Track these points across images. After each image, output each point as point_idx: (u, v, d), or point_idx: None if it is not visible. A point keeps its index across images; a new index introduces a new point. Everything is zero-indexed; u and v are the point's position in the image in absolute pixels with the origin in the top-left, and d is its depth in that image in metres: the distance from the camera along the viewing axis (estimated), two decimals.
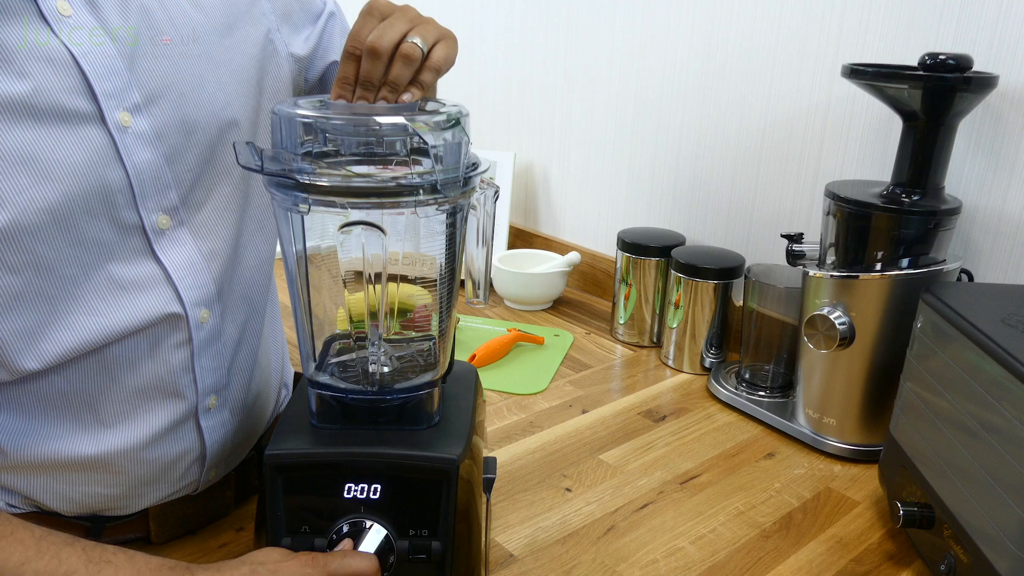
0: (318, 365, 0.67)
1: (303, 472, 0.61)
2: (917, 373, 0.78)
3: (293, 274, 0.63)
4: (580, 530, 0.81)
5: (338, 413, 0.64)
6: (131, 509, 0.71)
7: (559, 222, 1.53)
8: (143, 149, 0.60)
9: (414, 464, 0.61)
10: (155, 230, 0.63)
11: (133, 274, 0.62)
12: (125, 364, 0.64)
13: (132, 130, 0.60)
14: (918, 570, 0.77)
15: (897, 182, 0.90)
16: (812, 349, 0.94)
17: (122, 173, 0.59)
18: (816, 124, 1.10)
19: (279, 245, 0.67)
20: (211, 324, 0.67)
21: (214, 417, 0.71)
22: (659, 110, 1.30)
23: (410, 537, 0.62)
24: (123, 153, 0.59)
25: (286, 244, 0.63)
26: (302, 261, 0.63)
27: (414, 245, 0.66)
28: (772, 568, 0.76)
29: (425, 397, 0.65)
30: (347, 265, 0.63)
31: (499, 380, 1.12)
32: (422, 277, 0.67)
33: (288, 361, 0.90)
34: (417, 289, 0.69)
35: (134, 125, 0.60)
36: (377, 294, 0.63)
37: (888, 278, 0.88)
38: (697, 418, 1.05)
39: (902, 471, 0.79)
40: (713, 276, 1.12)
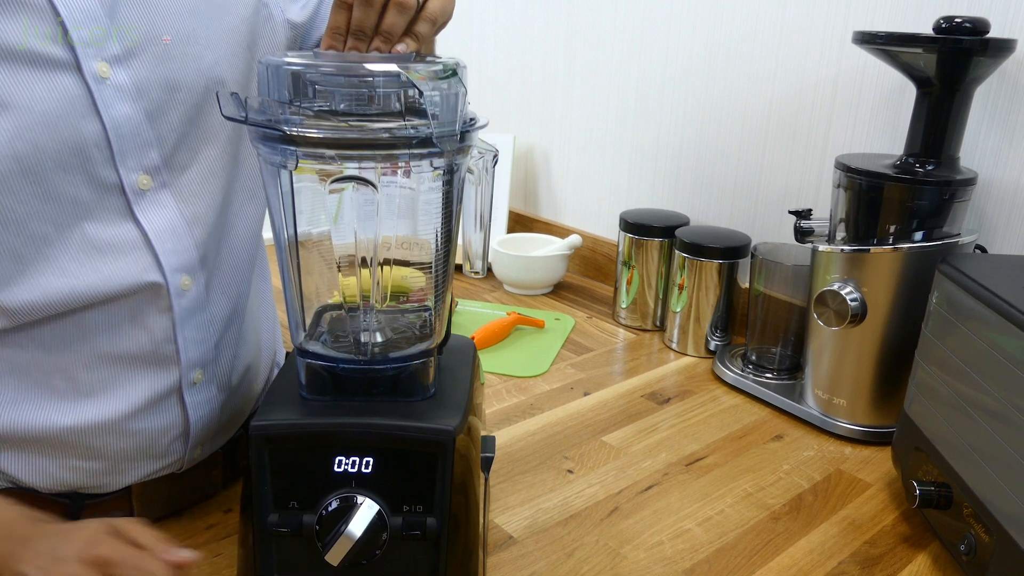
0: (308, 334, 0.63)
1: (291, 444, 0.58)
2: (933, 349, 0.75)
3: (281, 240, 0.60)
4: (582, 512, 0.78)
5: (329, 384, 0.61)
6: (113, 486, 0.68)
7: (560, 206, 1.50)
8: (122, 103, 0.57)
9: (408, 435, 0.58)
10: (135, 190, 0.60)
11: (110, 236, 0.59)
12: (103, 331, 0.61)
13: (111, 82, 0.57)
14: (935, 552, 0.74)
15: (910, 152, 0.87)
16: (822, 327, 0.91)
17: (98, 127, 0.56)
18: (824, 98, 1.07)
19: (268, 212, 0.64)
20: (194, 293, 0.64)
21: (200, 392, 0.67)
22: (662, 89, 1.26)
23: (404, 513, 0.58)
24: (100, 105, 0.56)
25: (274, 207, 0.60)
26: (290, 225, 0.59)
27: (410, 209, 0.63)
28: (783, 550, 0.73)
29: (420, 367, 0.62)
30: (339, 234, 0.60)
31: (498, 363, 1.09)
32: (418, 262, 0.65)
33: (280, 341, 0.87)
34: (411, 271, 0.66)
35: (113, 77, 0.57)
36: (371, 257, 0.60)
37: (901, 251, 0.84)
38: (702, 400, 1.01)
39: (917, 450, 0.76)
40: (718, 256, 1.09)
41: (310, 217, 0.61)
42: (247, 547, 0.59)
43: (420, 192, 0.61)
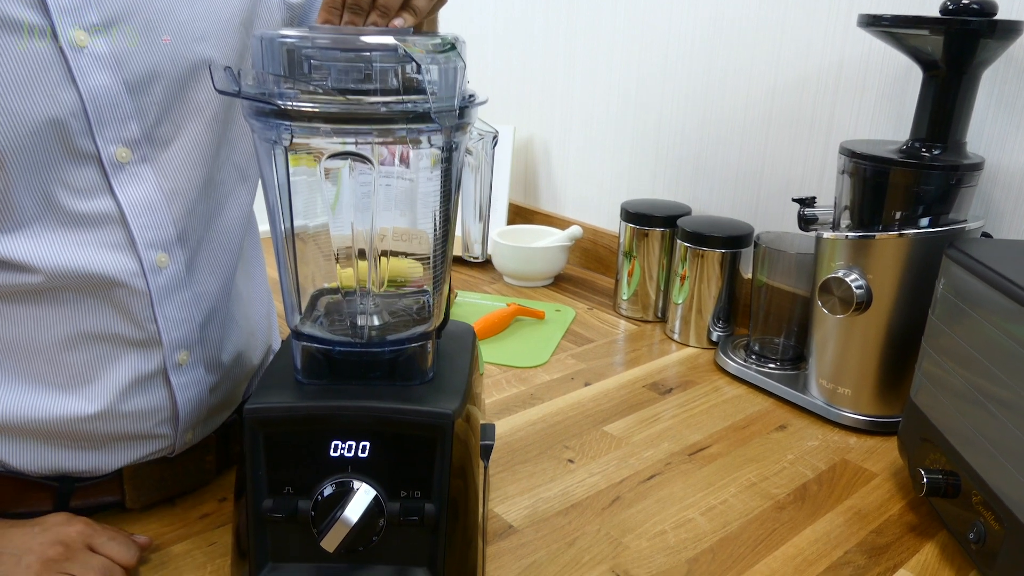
0: (304, 317, 0.62)
1: (286, 428, 0.56)
2: (941, 336, 0.73)
3: (277, 221, 0.59)
4: (583, 501, 0.76)
5: (325, 368, 0.60)
6: (103, 470, 0.67)
7: (560, 198, 1.49)
8: (100, 73, 0.56)
9: (406, 419, 0.56)
10: (113, 163, 0.58)
11: (86, 208, 0.58)
12: (81, 309, 0.60)
13: (88, 51, 0.55)
14: (942, 541, 0.73)
15: (916, 137, 0.86)
16: (826, 315, 0.90)
17: (75, 96, 0.55)
18: (828, 85, 1.05)
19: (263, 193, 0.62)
20: (172, 271, 0.63)
21: (186, 374, 0.66)
22: (664, 79, 1.25)
23: (401, 499, 0.57)
24: (76, 75, 0.55)
25: (268, 187, 0.58)
26: (286, 206, 0.58)
27: (408, 201, 0.62)
28: (787, 539, 0.72)
29: (418, 351, 0.60)
30: (337, 224, 0.59)
31: (498, 353, 1.07)
32: (416, 253, 0.63)
33: (276, 327, 0.86)
34: (408, 263, 0.65)
35: (91, 46, 0.55)
36: (369, 245, 0.59)
37: (907, 237, 0.83)
38: (705, 391, 1.00)
39: (925, 438, 0.75)
40: (720, 245, 1.08)
41: (306, 210, 0.60)
42: (241, 533, 0.58)
43: (419, 171, 0.60)
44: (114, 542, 0.63)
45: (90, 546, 0.61)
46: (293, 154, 0.57)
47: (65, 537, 0.60)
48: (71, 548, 0.60)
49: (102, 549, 0.62)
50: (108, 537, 0.63)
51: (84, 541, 0.61)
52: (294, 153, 0.56)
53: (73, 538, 0.61)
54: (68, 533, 0.61)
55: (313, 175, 0.60)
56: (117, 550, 0.62)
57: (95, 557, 0.61)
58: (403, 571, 0.58)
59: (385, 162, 0.62)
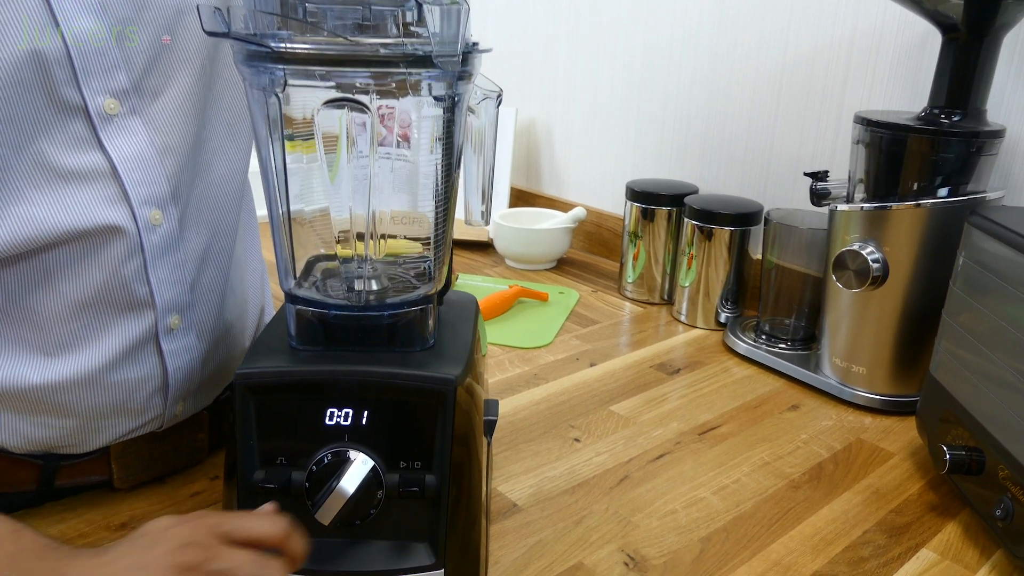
0: (299, 281, 0.59)
1: (279, 394, 0.53)
2: (963, 306, 0.70)
3: (270, 177, 0.56)
4: (590, 480, 0.73)
5: (320, 333, 0.56)
6: (89, 446, 0.63)
7: (563, 181, 1.46)
8: (84, 17, 0.53)
9: (406, 385, 0.53)
10: (101, 114, 0.55)
11: (74, 162, 0.55)
12: (70, 272, 0.57)
13: None
14: (965, 521, 0.70)
15: (935, 104, 0.83)
16: (840, 291, 0.87)
17: (59, 42, 0.52)
18: (840, 59, 1.02)
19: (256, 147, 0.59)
20: (166, 229, 0.60)
21: (177, 340, 0.63)
22: (669, 57, 1.22)
23: (400, 470, 0.54)
24: (60, 18, 0.52)
25: (261, 141, 0.55)
26: (279, 160, 0.55)
27: (409, 184, 0.59)
28: (804, 518, 0.69)
29: (418, 315, 0.57)
30: (335, 201, 0.56)
31: (500, 334, 1.04)
32: (414, 237, 0.61)
33: (270, 297, 0.83)
34: (406, 242, 0.62)
35: None
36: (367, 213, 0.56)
37: (925, 208, 0.80)
38: (714, 371, 0.97)
39: (946, 414, 0.72)
40: (730, 222, 1.05)
41: (303, 194, 0.57)
42: (231, 507, 0.55)
43: (420, 129, 0.57)
44: (251, 519, 0.49)
45: (226, 535, 0.47)
46: (289, 140, 0.55)
47: (191, 536, 0.46)
48: (205, 545, 0.45)
49: (242, 533, 0.47)
50: (239, 517, 0.49)
51: (214, 532, 0.47)
52: (287, 105, 0.53)
53: (201, 534, 0.46)
54: (192, 531, 0.46)
55: (307, 159, 0.57)
56: (259, 525, 0.48)
57: (239, 551, 0.46)
58: (403, 547, 0.55)
59: (385, 142, 0.59)
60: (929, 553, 0.65)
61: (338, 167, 0.57)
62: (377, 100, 0.52)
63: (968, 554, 0.65)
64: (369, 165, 0.56)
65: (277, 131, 0.54)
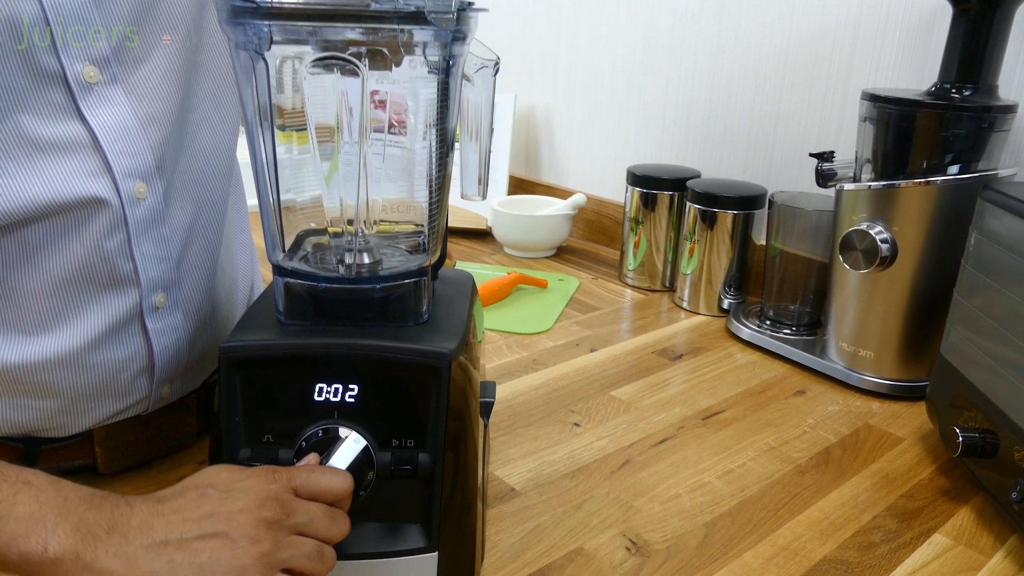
0: (287, 253, 0.57)
1: (265, 368, 0.51)
2: (975, 285, 0.68)
3: (256, 144, 0.53)
4: (591, 464, 0.71)
5: (309, 307, 0.54)
6: (71, 429, 0.61)
7: (562, 169, 1.43)
8: None
9: (398, 359, 0.51)
10: (80, 83, 0.53)
11: (53, 133, 0.52)
12: (51, 249, 0.54)
13: None
14: (978, 505, 0.67)
15: (945, 79, 0.80)
16: (847, 272, 0.85)
17: (36, 7, 0.50)
18: (846, 39, 1.00)
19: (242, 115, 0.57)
20: (150, 203, 0.58)
21: (163, 319, 0.61)
22: (671, 41, 1.20)
23: (393, 448, 0.52)
24: None
25: (248, 107, 0.53)
26: (267, 128, 0.53)
27: (405, 172, 0.57)
28: (812, 503, 0.67)
29: (412, 288, 0.55)
30: (320, 125, 0.53)
31: (499, 320, 1.02)
32: (408, 221, 0.59)
33: (260, 278, 0.80)
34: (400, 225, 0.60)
35: None
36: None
37: (935, 186, 0.78)
38: (717, 357, 0.95)
39: (958, 396, 0.69)
40: (733, 206, 1.03)
41: (295, 184, 0.55)
42: None
43: (416, 92, 0.54)
44: (320, 474, 0.47)
45: (298, 489, 0.46)
46: (281, 131, 0.53)
47: (268, 491, 0.44)
48: (283, 500, 0.44)
49: (312, 487, 0.47)
50: (307, 471, 0.47)
51: (288, 486, 0.46)
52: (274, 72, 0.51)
53: (277, 488, 0.45)
54: (266, 484, 0.45)
55: (300, 150, 0.55)
56: (331, 481, 0.47)
57: (312, 505, 0.46)
58: (395, 529, 0.52)
59: (380, 129, 0.57)
60: (942, 538, 0.63)
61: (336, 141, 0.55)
62: (369, 72, 0.50)
63: (982, 539, 0.63)
64: (359, 139, 0.54)
65: (265, 98, 0.51)
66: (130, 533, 0.41)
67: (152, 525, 0.41)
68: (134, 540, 0.40)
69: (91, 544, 0.39)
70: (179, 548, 0.41)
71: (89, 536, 0.40)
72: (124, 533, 0.40)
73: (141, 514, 0.42)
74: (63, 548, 0.39)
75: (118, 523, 0.41)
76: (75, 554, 0.39)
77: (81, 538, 0.39)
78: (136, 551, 0.40)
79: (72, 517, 0.40)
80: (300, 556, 0.43)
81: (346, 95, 0.52)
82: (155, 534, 0.41)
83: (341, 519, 0.47)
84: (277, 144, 0.53)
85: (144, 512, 0.42)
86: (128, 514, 0.41)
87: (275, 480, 0.46)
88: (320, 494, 0.47)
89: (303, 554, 0.44)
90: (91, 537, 0.40)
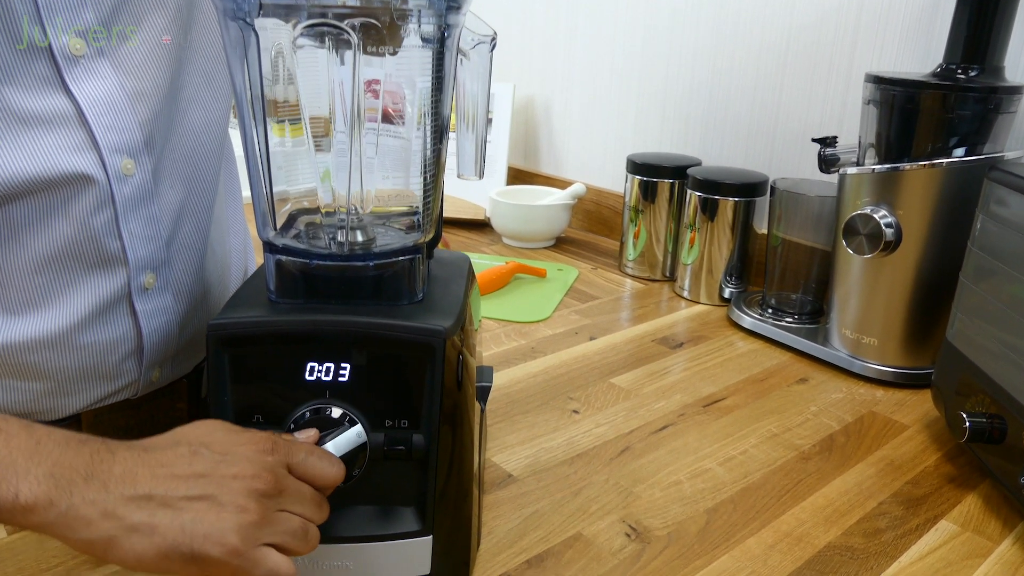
0: (279, 230, 0.55)
1: (255, 347, 0.50)
2: (982, 267, 0.67)
3: (245, 118, 0.52)
4: (590, 451, 0.70)
5: (301, 285, 0.53)
6: (59, 413, 0.60)
7: (561, 159, 1.42)
8: None
9: (392, 336, 0.49)
10: (66, 55, 0.52)
11: (37, 106, 0.51)
12: (37, 226, 0.53)
13: None
14: (985, 492, 0.66)
15: (950, 60, 0.79)
16: (851, 257, 0.83)
17: None
18: (848, 23, 0.99)
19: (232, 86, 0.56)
20: (139, 180, 0.56)
21: (152, 300, 0.59)
22: (671, 29, 1.18)
23: (386, 429, 0.50)
24: None
25: (237, 81, 0.51)
26: (258, 99, 0.51)
27: (401, 163, 0.55)
28: (816, 489, 0.65)
29: (406, 266, 0.53)
30: (312, 103, 0.52)
31: (496, 309, 1.01)
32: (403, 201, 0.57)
33: (254, 263, 0.79)
34: (394, 191, 0.59)
35: None
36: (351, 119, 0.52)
37: (940, 168, 0.77)
38: (718, 345, 0.93)
39: (964, 381, 0.68)
40: (734, 193, 1.01)
41: (286, 164, 0.54)
42: None
43: (411, 60, 0.53)
44: (317, 459, 0.46)
45: (292, 467, 0.45)
46: (276, 123, 0.52)
47: (264, 461, 0.43)
48: (277, 475, 0.43)
49: (304, 469, 0.45)
50: (304, 452, 0.46)
51: (284, 462, 0.44)
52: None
53: (274, 461, 0.43)
54: (263, 454, 0.43)
55: (294, 143, 0.54)
56: (325, 468, 0.46)
57: (302, 486, 0.45)
58: (388, 512, 0.51)
59: (373, 119, 0.56)
60: (948, 524, 0.62)
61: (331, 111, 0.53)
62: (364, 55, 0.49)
63: (990, 525, 0.62)
64: (353, 118, 0.52)
65: (256, 71, 0.50)
66: (110, 482, 0.39)
67: (136, 475, 0.40)
68: (114, 489, 0.39)
69: (66, 490, 0.38)
70: (163, 505, 0.39)
71: (64, 482, 0.38)
72: (104, 481, 0.39)
73: (124, 462, 0.40)
74: (35, 494, 0.37)
75: (97, 470, 0.39)
76: (48, 500, 0.37)
77: (55, 484, 0.38)
78: (115, 501, 0.38)
79: (46, 462, 0.38)
80: (285, 532, 0.42)
81: (338, 67, 0.50)
82: (138, 485, 0.39)
83: (325, 506, 0.46)
84: (268, 124, 0.52)
85: (128, 461, 0.40)
86: (109, 461, 0.40)
87: (273, 451, 0.44)
88: (312, 478, 0.46)
89: (288, 531, 0.42)
90: (66, 483, 0.38)
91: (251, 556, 0.40)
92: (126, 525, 0.38)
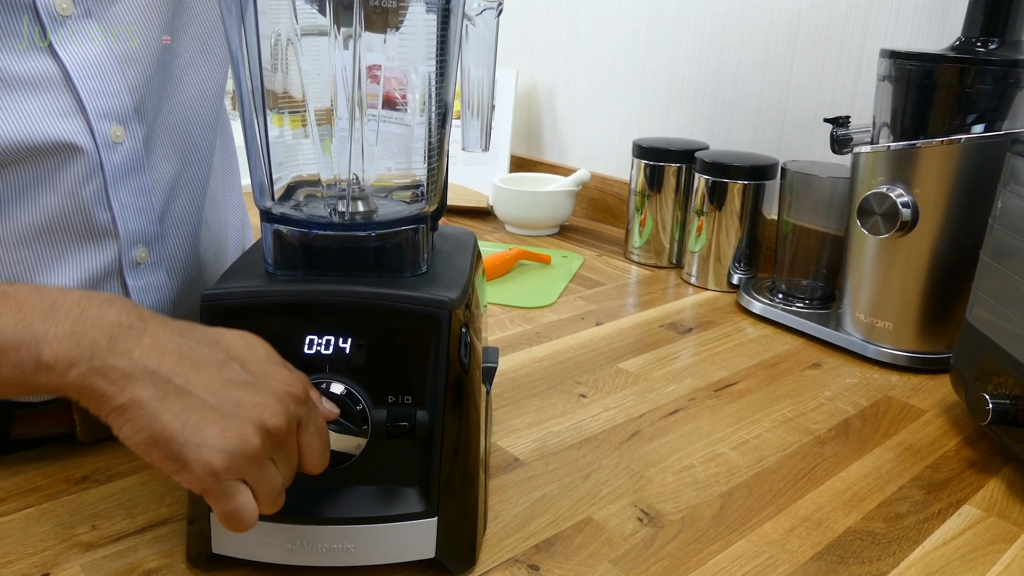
0: (277, 200, 0.53)
1: (251, 318, 0.47)
2: (1005, 244, 0.64)
3: (242, 80, 0.50)
4: (599, 435, 0.68)
5: (300, 256, 0.50)
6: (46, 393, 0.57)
7: (565, 147, 1.40)
8: None
9: (395, 307, 0.47)
10: (52, 14, 0.50)
11: (21, 67, 0.49)
12: (23, 196, 0.51)
13: None
14: (1008, 476, 0.64)
15: (969, 34, 0.77)
16: (866, 239, 0.81)
17: None
18: (860, 1, 0.96)
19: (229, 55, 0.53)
20: (128, 148, 0.54)
21: (145, 276, 0.57)
22: (677, 10, 1.16)
23: (389, 405, 0.48)
24: None
25: (234, 46, 0.49)
26: (255, 64, 0.49)
27: (403, 149, 0.53)
28: (833, 474, 0.63)
29: (409, 236, 0.51)
30: (312, 75, 0.50)
31: (501, 294, 0.98)
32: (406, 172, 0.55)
33: (251, 239, 0.77)
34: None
35: None
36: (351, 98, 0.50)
37: (959, 145, 0.74)
38: (728, 331, 0.91)
39: (986, 362, 0.66)
40: (744, 176, 0.99)
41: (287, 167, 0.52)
42: None
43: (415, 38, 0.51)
44: (321, 442, 0.44)
45: (303, 424, 0.43)
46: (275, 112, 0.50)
47: (291, 401, 0.41)
48: (291, 423, 0.41)
49: (308, 443, 0.43)
50: (319, 419, 0.44)
51: (302, 416, 0.42)
52: None
53: (299, 407, 0.42)
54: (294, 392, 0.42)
55: (292, 134, 0.52)
56: (321, 455, 0.44)
57: (296, 452, 0.42)
58: (391, 492, 0.49)
59: (374, 105, 0.53)
60: (972, 509, 0.59)
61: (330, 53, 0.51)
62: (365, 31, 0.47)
63: (1015, 510, 0.59)
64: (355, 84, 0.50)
65: (253, 36, 0.48)
66: (135, 351, 0.37)
67: (163, 354, 0.38)
68: (138, 359, 0.37)
69: (88, 351, 0.36)
70: (178, 396, 0.37)
71: (86, 342, 0.36)
72: (129, 349, 0.37)
73: (154, 336, 0.38)
74: (55, 353, 0.35)
75: (123, 335, 0.37)
76: (68, 360, 0.36)
77: (76, 343, 0.36)
78: (137, 371, 0.37)
79: (65, 321, 0.37)
80: (266, 483, 0.40)
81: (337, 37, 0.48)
82: (163, 365, 0.37)
83: (291, 478, 0.43)
84: (267, 97, 0.50)
85: (158, 335, 0.39)
86: (139, 329, 0.38)
87: (300, 404, 0.42)
88: (304, 456, 0.43)
89: (269, 482, 0.40)
90: (88, 343, 0.36)
91: (227, 486, 0.38)
92: (136, 397, 0.36)
